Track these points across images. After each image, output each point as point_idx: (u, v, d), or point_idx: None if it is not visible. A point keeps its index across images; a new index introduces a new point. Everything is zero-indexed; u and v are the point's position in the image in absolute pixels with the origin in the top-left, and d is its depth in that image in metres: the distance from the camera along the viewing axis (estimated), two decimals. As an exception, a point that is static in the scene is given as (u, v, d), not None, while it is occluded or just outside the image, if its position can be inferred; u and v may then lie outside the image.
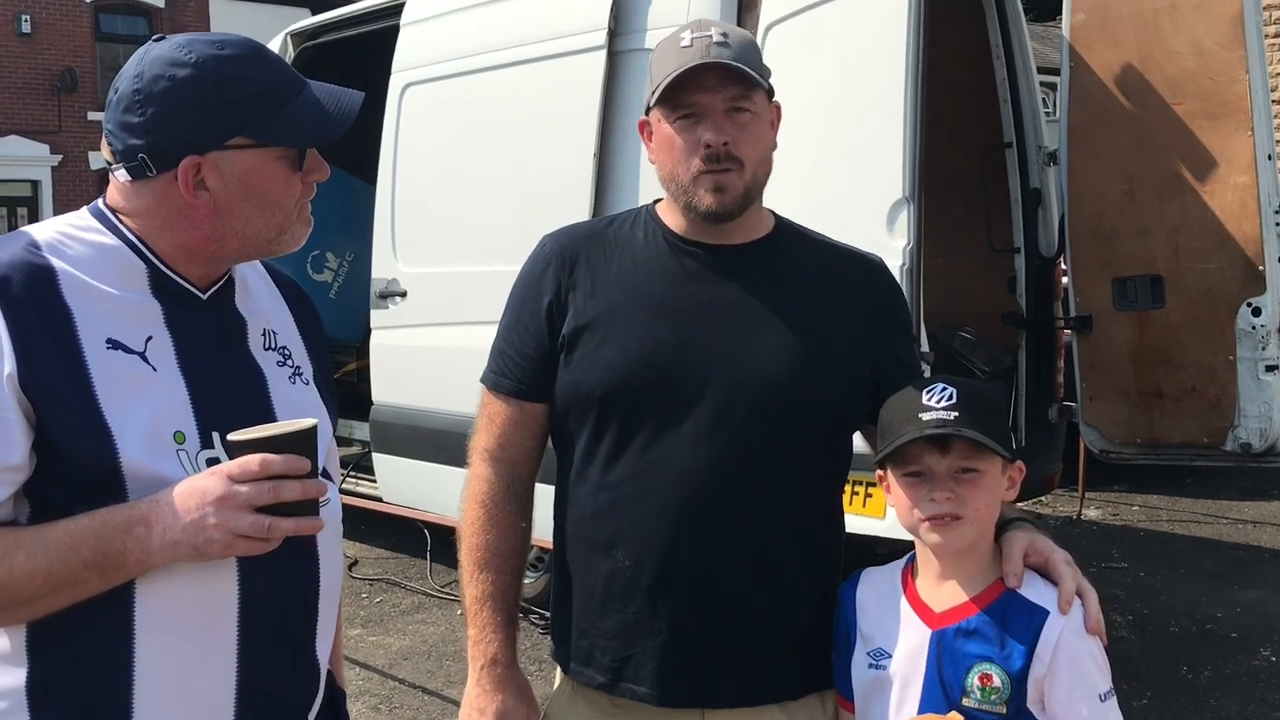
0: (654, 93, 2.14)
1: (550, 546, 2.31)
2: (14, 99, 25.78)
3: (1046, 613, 1.99)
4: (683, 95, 2.12)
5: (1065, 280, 5.78)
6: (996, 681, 1.98)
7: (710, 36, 2.12)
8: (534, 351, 2.25)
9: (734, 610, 2.14)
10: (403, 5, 7.04)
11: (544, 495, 2.32)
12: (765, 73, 2.17)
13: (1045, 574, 2.05)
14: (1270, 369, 5.11)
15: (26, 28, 25.94)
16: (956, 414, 2.01)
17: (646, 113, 2.21)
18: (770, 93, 2.20)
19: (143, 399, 1.72)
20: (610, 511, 2.17)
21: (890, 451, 2.05)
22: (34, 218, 25.03)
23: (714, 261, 2.22)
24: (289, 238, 1.87)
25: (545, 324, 2.24)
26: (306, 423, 1.73)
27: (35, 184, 26.06)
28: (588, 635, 2.22)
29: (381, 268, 6.92)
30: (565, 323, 2.22)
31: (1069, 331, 5.79)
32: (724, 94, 2.11)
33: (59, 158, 25.92)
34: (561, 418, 2.25)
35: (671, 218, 2.26)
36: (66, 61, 26.25)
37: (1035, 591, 2.02)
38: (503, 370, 2.30)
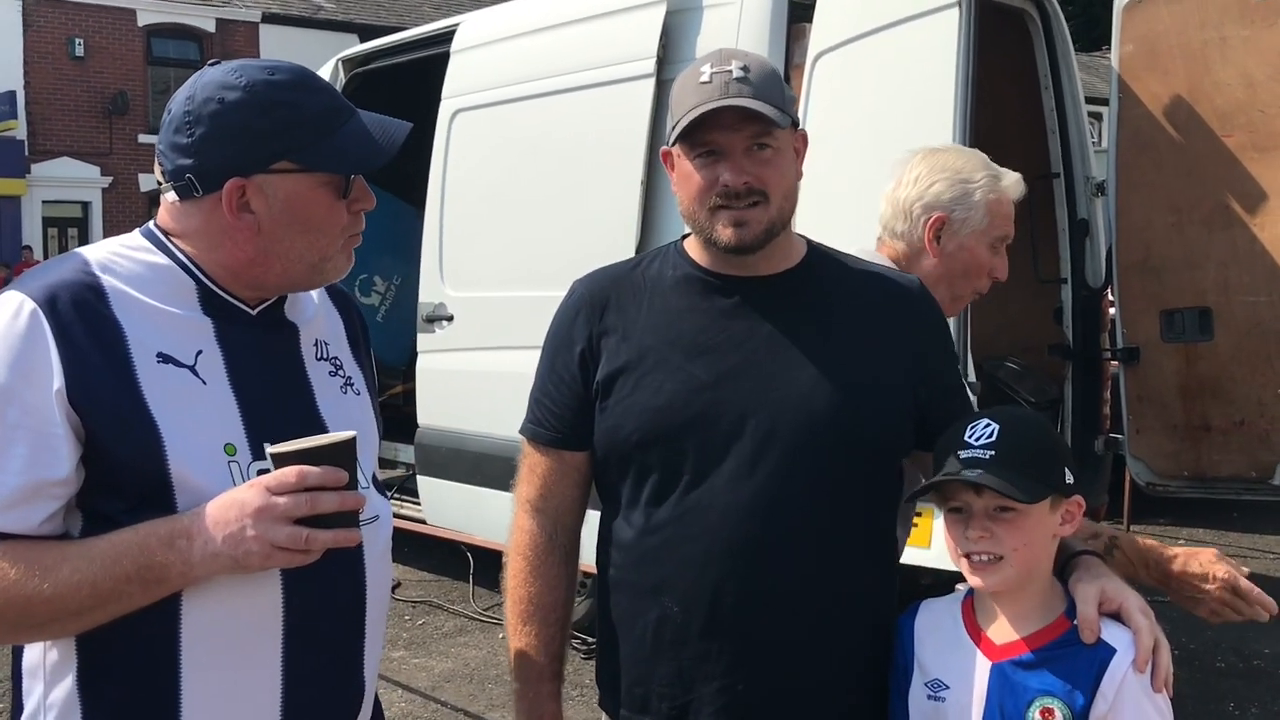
0: (673, 129, 2.12)
1: (594, 571, 2.32)
2: (66, 121, 26.15)
3: (1113, 650, 1.96)
4: (701, 134, 2.09)
5: (1112, 312, 5.75)
6: (1058, 717, 1.96)
7: (730, 72, 2.08)
8: (570, 400, 2.24)
9: (787, 650, 2.12)
10: (453, 32, 7.11)
11: (590, 518, 2.33)
12: (788, 104, 2.12)
13: (1119, 619, 2.01)
14: (1320, 403, 5.07)
15: (80, 51, 26.32)
16: (993, 453, 1.99)
17: (669, 144, 2.18)
18: (796, 123, 2.17)
19: (193, 412, 1.75)
20: (655, 556, 2.16)
21: (931, 488, 2.05)
22: (84, 239, 25.33)
23: (745, 295, 2.19)
24: (331, 267, 1.89)
25: (579, 372, 2.23)
26: (345, 435, 1.74)
27: (86, 205, 26.38)
28: (641, 683, 2.20)
29: (429, 292, 6.97)
30: (599, 369, 2.21)
31: (1116, 363, 5.76)
32: (744, 133, 2.08)
33: (109, 179, 26.24)
34: (602, 464, 2.24)
35: (698, 252, 2.24)
36: (118, 85, 26.61)
37: (1103, 629, 1.99)
38: (540, 420, 2.30)
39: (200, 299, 1.83)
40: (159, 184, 1.85)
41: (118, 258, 1.81)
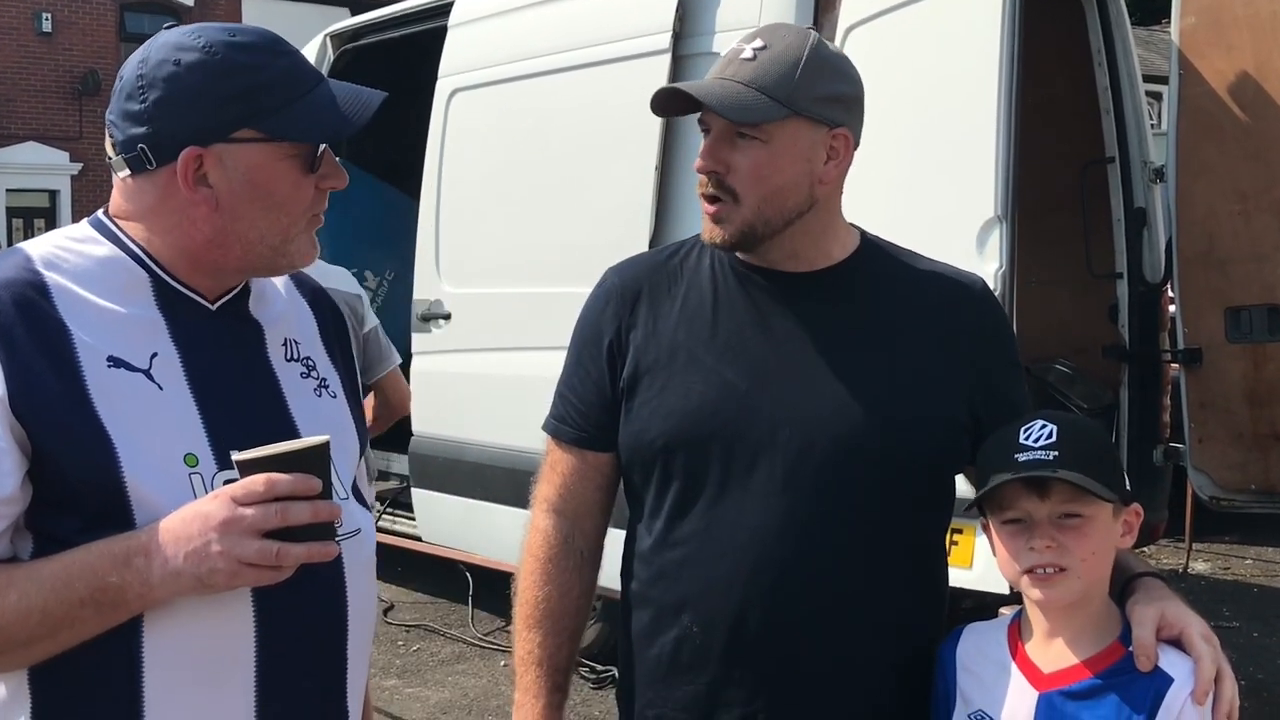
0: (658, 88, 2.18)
1: (613, 595, 2.31)
2: (33, 103, 26.20)
3: (1171, 680, 1.95)
4: (693, 110, 2.14)
5: (1172, 309, 5.74)
6: None
7: (743, 50, 2.10)
8: (595, 397, 2.24)
9: (815, 681, 2.11)
10: (450, 5, 7.10)
11: (609, 539, 2.33)
12: (798, 97, 2.07)
13: (1179, 646, 1.99)
14: (1401, 410, 5.05)
15: (47, 27, 26.38)
16: (1056, 454, 1.98)
17: None
18: (829, 122, 2.12)
19: (149, 420, 1.73)
20: (677, 572, 2.16)
21: (986, 497, 2.03)
22: (52, 229, 25.34)
23: (788, 292, 2.18)
24: (295, 250, 1.86)
25: (606, 367, 2.23)
26: (317, 439, 1.72)
27: (54, 194, 26.43)
28: (655, 705, 2.21)
29: (424, 288, 6.98)
30: (626, 366, 2.21)
31: (1176, 366, 5.74)
32: (715, 113, 2.09)
33: (79, 166, 26.29)
34: (627, 470, 2.24)
35: None
36: (89, 63, 26.65)
37: (1161, 656, 1.97)
38: (564, 417, 2.30)
39: (154, 293, 1.81)
40: (109, 159, 1.83)
41: (63, 252, 1.79)
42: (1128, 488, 2.05)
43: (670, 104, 2.18)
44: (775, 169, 2.10)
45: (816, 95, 2.10)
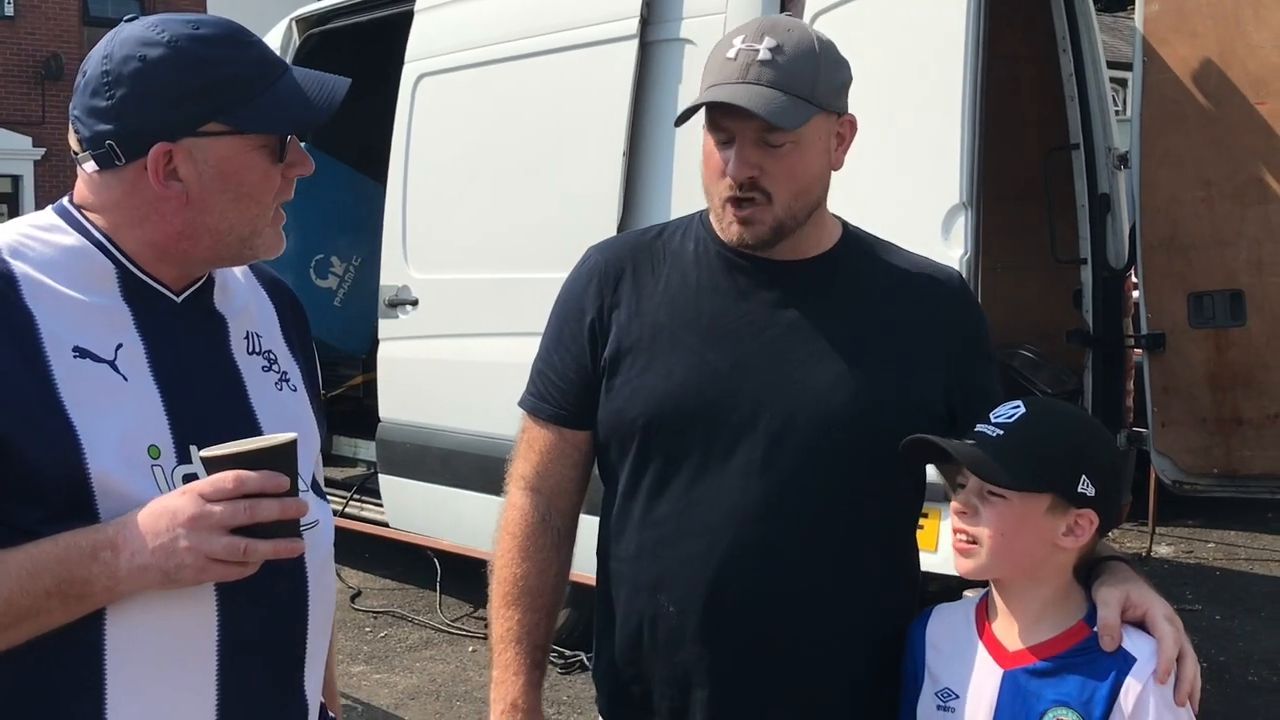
0: (690, 105, 2.13)
1: (580, 580, 2.32)
2: (-6, 87, 25.99)
3: (1134, 660, 1.97)
4: (715, 115, 2.10)
5: (1136, 295, 5.78)
6: None
7: (757, 52, 2.06)
8: (575, 374, 2.25)
9: (789, 661, 2.14)
10: (418, -11, 7.08)
11: (581, 526, 2.34)
12: (821, 92, 2.09)
13: (1143, 628, 2.01)
14: (1362, 394, 5.09)
15: (9, 10, 26.15)
16: (1001, 434, 2.02)
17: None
18: (840, 111, 2.15)
19: (114, 411, 1.72)
20: (654, 551, 2.17)
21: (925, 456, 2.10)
22: (15, 215, 25.17)
23: (771, 279, 2.19)
24: (262, 242, 1.86)
25: (587, 345, 2.24)
26: (285, 437, 1.72)
27: (16, 180, 26.22)
28: (631, 683, 2.23)
29: (391, 274, 6.95)
30: (608, 344, 2.22)
31: (1140, 351, 5.78)
32: (754, 122, 2.05)
33: (42, 151, 26.08)
34: (604, 448, 2.26)
35: None
36: (52, 47, 26.43)
37: (1125, 637, 2.00)
38: (542, 394, 2.30)
39: (120, 284, 1.80)
40: (75, 154, 1.82)
41: (29, 240, 1.78)
42: (1090, 491, 2.03)
43: (688, 111, 2.15)
44: (806, 167, 2.12)
45: (831, 88, 2.12)
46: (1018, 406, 2.05)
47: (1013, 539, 2.03)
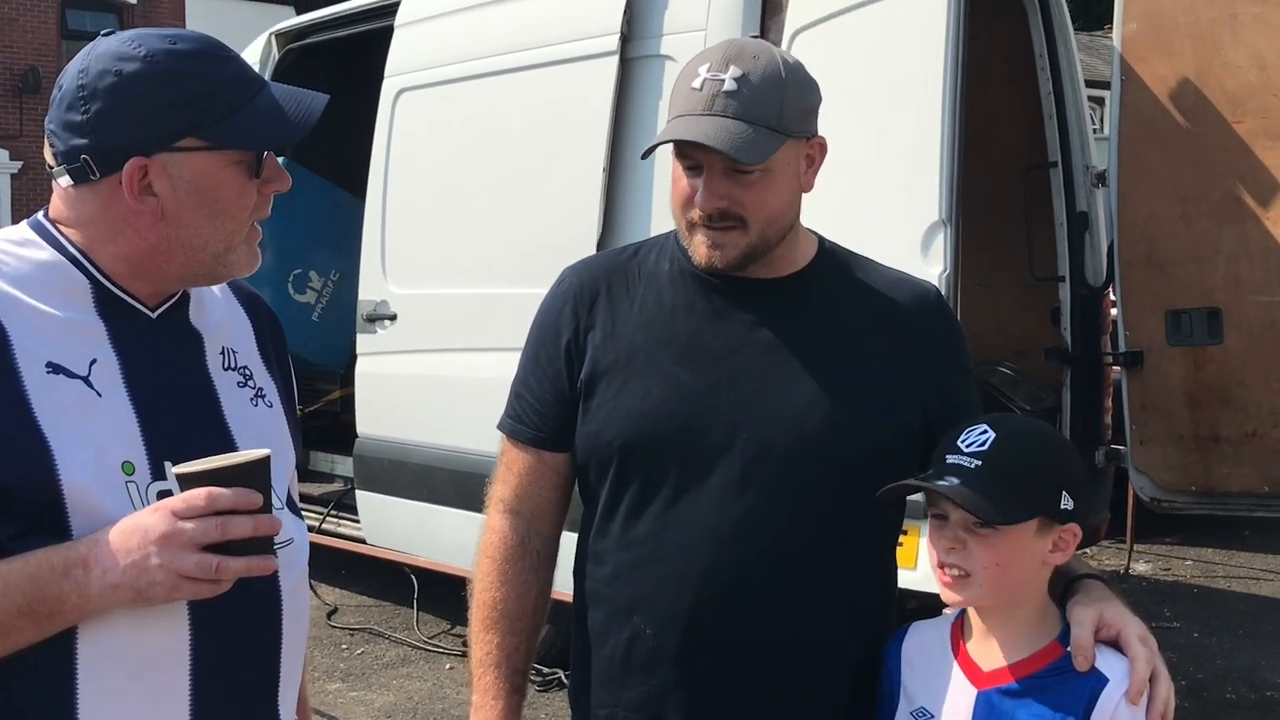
0: (659, 139, 2.12)
1: (560, 598, 2.32)
2: (-29, 100, 25.92)
3: (1106, 680, 1.97)
4: (682, 145, 2.09)
5: (1114, 312, 5.79)
6: None
7: (722, 82, 2.04)
8: (552, 397, 2.25)
9: (765, 683, 2.13)
10: (397, 5, 7.08)
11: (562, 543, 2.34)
12: (789, 120, 2.08)
13: (1117, 647, 2.01)
14: (1338, 412, 5.12)
15: (-13, 23, 26.12)
16: (979, 464, 2.00)
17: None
18: (809, 134, 2.14)
19: (88, 427, 1.71)
20: (631, 574, 2.17)
21: (905, 490, 2.07)
22: (-9, 229, 25.05)
23: (746, 298, 2.19)
24: (237, 259, 1.85)
25: (564, 367, 2.23)
26: (258, 453, 1.72)
27: (-8, 193, 26.16)
28: (608, 705, 2.22)
29: (369, 289, 6.94)
30: (584, 366, 2.21)
31: (1118, 368, 5.80)
32: (723, 156, 2.03)
33: (19, 164, 26.00)
34: (582, 469, 2.25)
35: None
36: (30, 60, 26.38)
37: (1098, 656, 2.00)
38: (520, 417, 2.30)
39: (94, 299, 1.80)
40: (50, 168, 1.81)
41: (2, 255, 1.77)
42: (1070, 506, 2.04)
43: (655, 145, 2.15)
44: (776, 193, 2.12)
45: (799, 113, 2.11)
46: (985, 431, 2.03)
47: (1008, 568, 2.02)
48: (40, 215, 1.85)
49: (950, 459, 2.02)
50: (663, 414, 2.14)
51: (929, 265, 4.60)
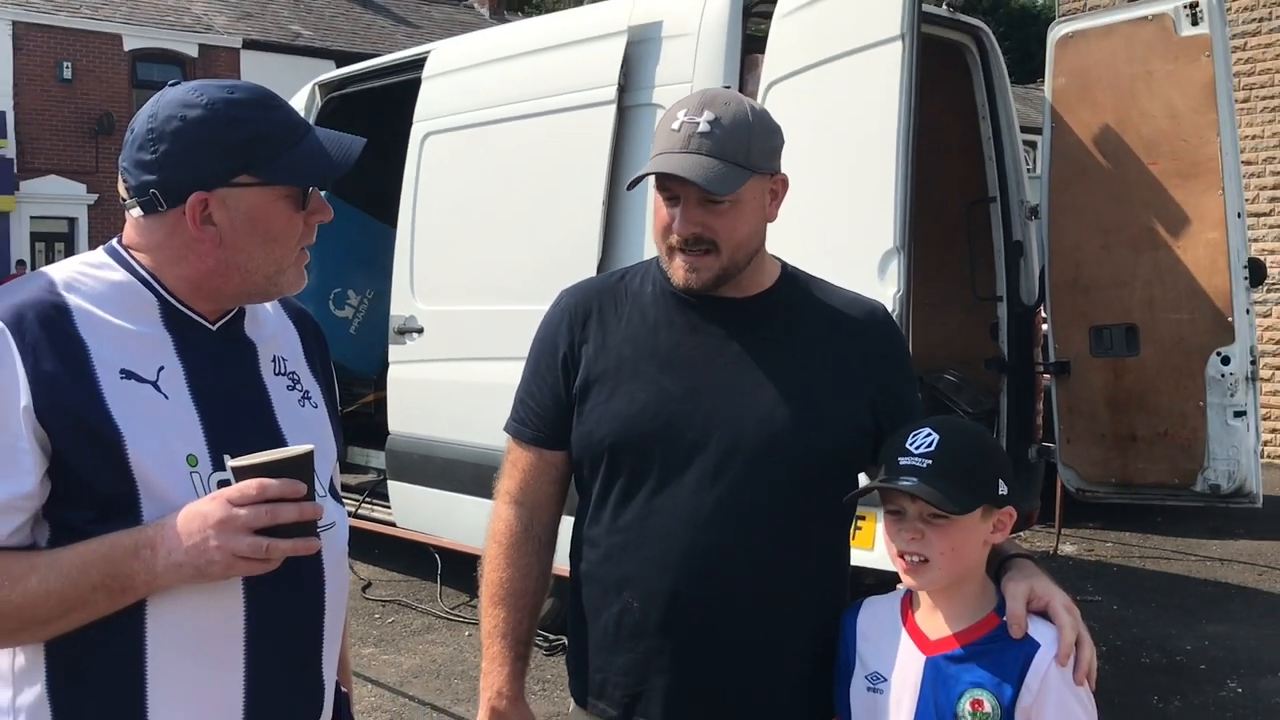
0: (642, 172, 2.14)
1: (562, 573, 2.32)
2: (54, 141, 25.94)
3: (1038, 645, 1.98)
4: (662, 179, 2.11)
5: (1045, 328, 5.81)
6: (987, 707, 1.97)
7: (697, 125, 2.07)
8: (551, 402, 2.26)
9: (738, 649, 2.14)
10: (424, 59, 7.10)
11: (563, 526, 2.34)
12: (755, 158, 2.10)
13: (1045, 617, 2.02)
14: (1238, 415, 5.13)
15: (68, 74, 26.13)
16: (930, 463, 2.00)
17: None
18: (773, 171, 2.16)
19: (157, 425, 1.73)
20: (620, 555, 2.18)
21: (869, 491, 2.07)
22: (70, 253, 25.09)
23: (719, 314, 2.20)
24: (286, 279, 1.86)
25: (561, 376, 2.25)
26: (304, 448, 1.73)
27: (72, 221, 26.17)
28: (601, 670, 2.23)
29: (400, 305, 6.94)
30: (578, 375, 2.22)
31: (1048, 376, 5.81)
32: (697, 187, 2.06)
33: (95, 197, 26.04)
34: (578, 465, 2.26)
35: None
36: (105, 106, 26.42)
37: (1030, 625, 2.01)
38: (523, 419, 2.31)
39: (161, 314, 1.81)
40: (123, 200, 1.82)
41: (82, 276, 1.78)
42: (1005, 491, 2.05)
43: (639, 177, 2.17)
44: (744, 221, 2.13)
45: (764, 152, 2.13)
46: (930, 434, 2.03)
47: (961, 550, 2.03)
48: (114, 241, 1.86)
49: (903, 461, 2.03)
50: (647, 416, 2.15)
51: (885, 287, 4.60)
